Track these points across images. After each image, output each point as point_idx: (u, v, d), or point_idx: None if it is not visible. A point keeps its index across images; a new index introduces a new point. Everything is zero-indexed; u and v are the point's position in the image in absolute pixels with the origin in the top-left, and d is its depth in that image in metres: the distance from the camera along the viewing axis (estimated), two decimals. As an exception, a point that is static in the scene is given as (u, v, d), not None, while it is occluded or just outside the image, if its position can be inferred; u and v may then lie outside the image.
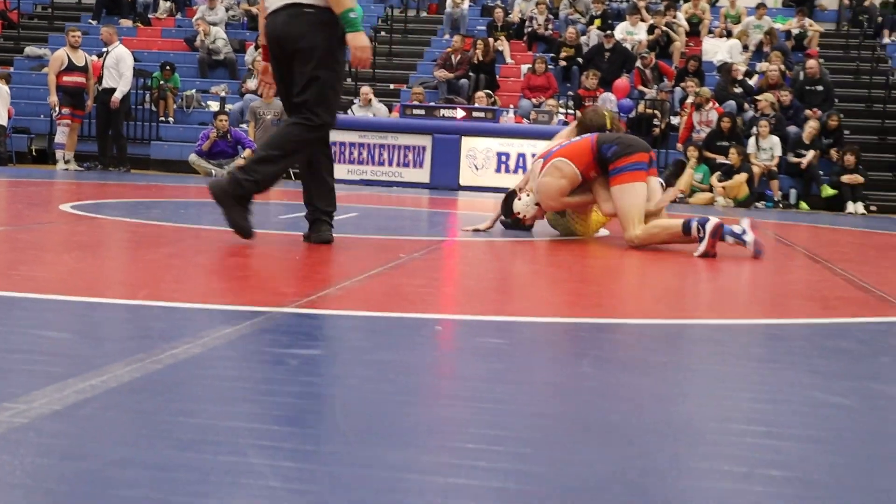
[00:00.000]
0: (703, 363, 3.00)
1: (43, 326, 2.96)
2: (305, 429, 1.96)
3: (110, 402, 2.08)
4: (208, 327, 2.99)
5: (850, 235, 9.86)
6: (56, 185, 11.58)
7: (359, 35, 5.30)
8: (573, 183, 6.44)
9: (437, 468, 1.76)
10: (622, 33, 19.65)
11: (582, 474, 1.77)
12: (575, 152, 6.47)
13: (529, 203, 6.75)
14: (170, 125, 18.37)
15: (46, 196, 9.46)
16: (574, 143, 6.58)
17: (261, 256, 5.16)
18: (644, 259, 5.93)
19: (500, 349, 3.00)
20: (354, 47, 5.31)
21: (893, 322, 3.90)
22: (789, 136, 16.22)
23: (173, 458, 1.73)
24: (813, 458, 1.94)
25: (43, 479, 1.61)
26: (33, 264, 4.39)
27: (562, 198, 6.54)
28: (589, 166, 6.40)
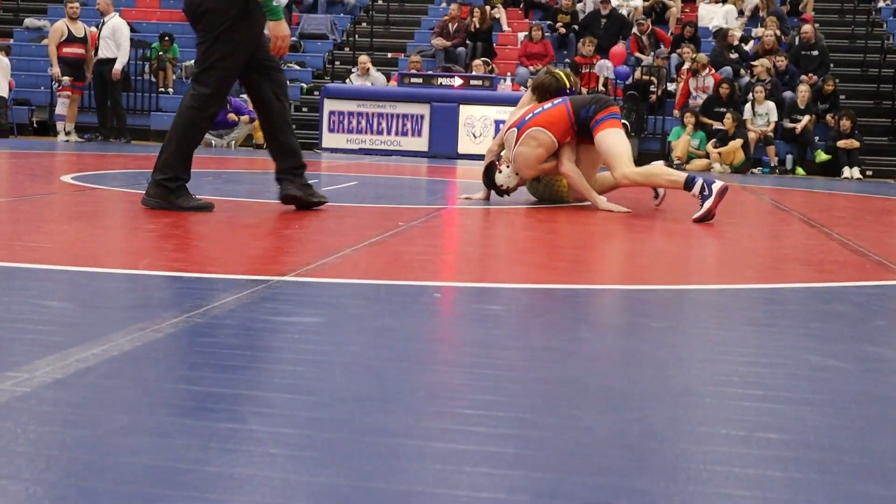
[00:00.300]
0: (701, 328, 3.00)
1: (45, 296, 2.96)
2: (305, 396, 1.96)
3: (112, 370, 2.08)
4: (209, 296, 2.99)
5: (846, 200, 9.86)
6: (57, 156, 11.56)
7: (280, 23, 5.29)
8: (549, 151, 6.48)
9: (436, 434, 1.76)
10: (618, 0, 19.57)
11: (580, 439, 1.77)
12: (551, 120, 6.47)
13: (510, 174, 6.70)
14: (169, 96, 18.31)
15: (48, 167, 9.45)
16: (548, 111, 6.54)
17: (261, 226, 5.16)
18: (641, 226, 5.92)
19: (499, 315, 3.00)
20: (275, 36, 5.28)
21: (889, 285, 3.90)
22: (785, 101, 16.18)
23: (174, 425, 1.73)
24: (809, 421, 1.94)
25: (45, 446, 1.61)
26: (35, 235, 4.39)
27: (539, 165, 6.57)
28: (566, 133, 6.47)
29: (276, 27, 5.25)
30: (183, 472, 1.52)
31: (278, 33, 5.26)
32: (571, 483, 1.55)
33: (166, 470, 1.52)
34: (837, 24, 20.06)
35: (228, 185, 8.27)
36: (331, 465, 1.58)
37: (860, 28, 19.52)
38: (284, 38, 5.30)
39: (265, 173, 10.07)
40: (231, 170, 10.33)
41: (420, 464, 1.61)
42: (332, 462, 1.59)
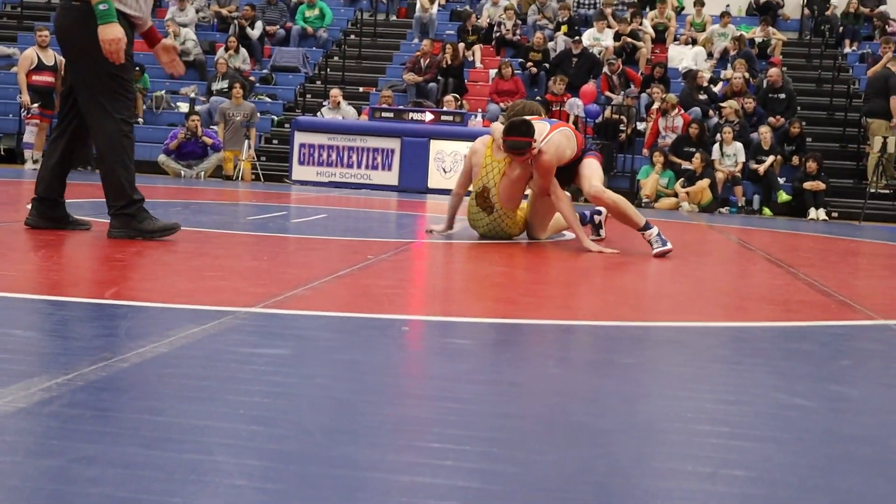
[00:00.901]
0: (668, 364, 3.01)
1: (9, 325, 2.94)
2: (272, 427, 1.95)
3: (76, 400, 2.06)
4: (175, 326, 2.97)
5: (811, 241, 9.93)
6: (24, 184, 11.49)
7: (107, 27, 5.06)
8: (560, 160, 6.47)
9: (403, 467, 1.76)
10: (589, 39, 19.72)
11: (547, 474, 1.77)
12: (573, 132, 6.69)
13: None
14: (139, 126, 18.25)
15: (14, 195, 9.39)
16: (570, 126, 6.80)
17: (229, 257, 5.14)
18: (608, 261, 5.95)
19: (466, 349, 3.00)
20: (102, 40, 5.05)
21: (854, 325, 3.93)
22: (752, 142, 16.34)
23: (138, 456, 1.72)
24: (776, 459, 1.95)
25: (8, 476, 1.60)
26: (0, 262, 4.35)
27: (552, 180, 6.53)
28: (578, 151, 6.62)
29: (102, 31, 5.04)
30: (147, 503, 1.50)
31: (104, 36, 5.03)
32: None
33: (130, 501, 1.51)
34: (804, 67, 20.32)
35: (197, 215, 8.24)
36: (297, 497, 1.57)
37: (826, 72, 19.75)
38: (111, 41, 5.04)
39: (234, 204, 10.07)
40: (199, 200, 10.30)
41: (387, 497, 1.60)
42: (299, 495, 1.58)
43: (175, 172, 16.16)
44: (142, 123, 18.26)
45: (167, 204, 9.34)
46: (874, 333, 3.76)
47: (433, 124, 15.88)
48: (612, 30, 20.13)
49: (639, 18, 20.49)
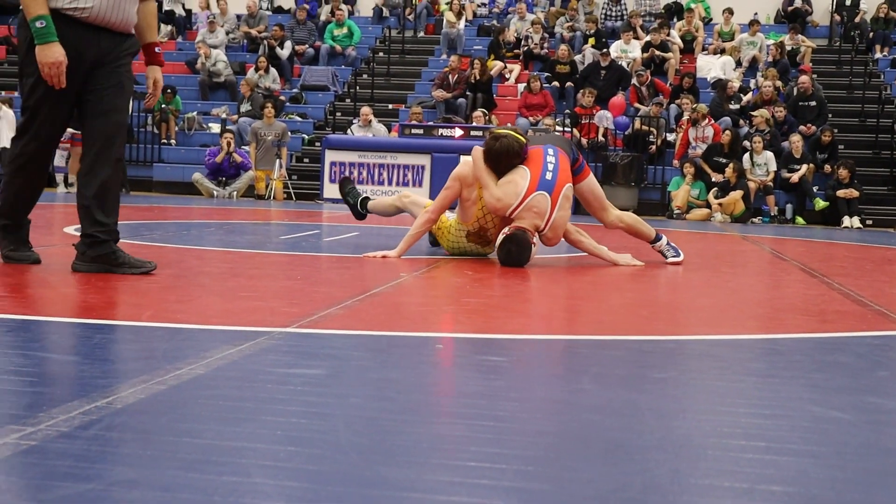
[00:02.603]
0: (703, 378, 3.00)
1: (49, 349, 2.97)
2: (309, 448, 1.96)
3: (115, 423, 2.08)
4: (212, 348, 2.99)
5: (846, 249, 9.87)
6: (57, 207, 11.58)
7: (43, 48, 4.46)
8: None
9: (439, 486, 1.76)
10: (617, 51, 19.70)
11: (584, 491, 1.77)
12: (568, 173, 6.16)
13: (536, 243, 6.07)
14: (172, 147, 18.41)
15: (49, 218, 9.47)
16: (560, 165, 6.08)
17: (263, 277, 5.17)
18: (642, 275, 5.93)
19: (500, 366, 3.00)
20: (40, 63, 4.48)
21: (891, 336, 3.90)
22: (783, 151, 16.25)
23: (178, 478, 1.73)
24: (813, 473, 1.94)
25: (50, 500, 1.61)
26: (38, 287, 4.39)
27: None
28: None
29: (38, 51, 4.48)
30: (187, 526, 1.52)
31: (40, 58, 4.47)
32: (575, 536, 1.55)
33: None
34: (835, 74, 20.19)
35: (230, 235, 8.29)
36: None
37: (857, 79, 19.62)
38: (47, 64, 4.47)
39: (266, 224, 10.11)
40: (233, 220, 10.35)
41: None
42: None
43: (208, 192, 16.27)
44: (174, 145, 18.39)
45: (201, 224, 9.40)
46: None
47: (463, 140, 15.86)
48: (639, 41, 20.11)
49: (666, 29, 20.44)
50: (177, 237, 7.68)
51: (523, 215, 5.84)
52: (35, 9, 4.47)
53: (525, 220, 5.88)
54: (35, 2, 4.48)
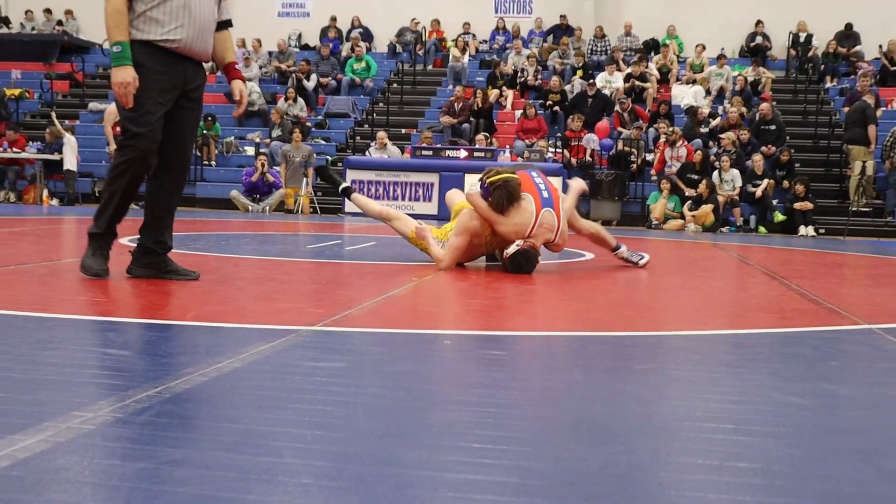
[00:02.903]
0: (679, 369, 3.00)
1: (106, 344, 2.97)
2: (333, 432, 1.96)
3: (164, 410, 2.08)
4: (247, 344, 2.99)
5: (802, 255, 9.85)
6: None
7: (118, 70, 4.41)
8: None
9: (449, 465, 1.76)
10: (602, 82, 19.72)
11: (575, 469, 1.77)
12: (555, 189, 6.19)
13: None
14: (212, 168, 18.43)
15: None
16: (549, 184, 6.11)
17: (292, 282, 5.17)
18: (620, 278, 5.93)
19: (501, 360, 3.00)
20: (112, 83, 4.45)
21: (841, 330, 3.90)
22: (747, 168, 16.26)
23: (219, 458, 1.73)
24: (774, 452, 1.94)
25: (108, 477, 1.62)
26: (98, 291, 4.40)
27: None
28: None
29: (113, 74, 4.45)
30: (226, 500, 1.52)
31: (113, 79, 4.44)
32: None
33: (213, 499, 1.52)
34: (791, 102, 20.20)
35: (263, 245, 8.29)
36: (356, 493, 1.58)
37: (811, 105, 19.65)
38: (119, 84, 4.41)
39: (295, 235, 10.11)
40: (265, 232, 10.36)
41: (435, 492, 1.60)
42: (358, 491, 1.59)
43: (244, 207, 16.30)
44: (214, 166, 18.42)
45: (238, 235, 9.41)
46: (860, 337, 3.73)
47: (467, 160, 15.90)
48: (621, 73, 20.13)
49: (645, 62, 20.48)
50: (217, 247, 7.68)
51: (537, 233, 5.83)
52: (115, 35, 4.43)
53: (539, 236, 5.86)
54: (116, 29, 4.44)
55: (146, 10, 4.50)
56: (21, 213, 13.20)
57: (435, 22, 23.71)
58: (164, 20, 4.52)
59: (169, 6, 4.52)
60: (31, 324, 3.30)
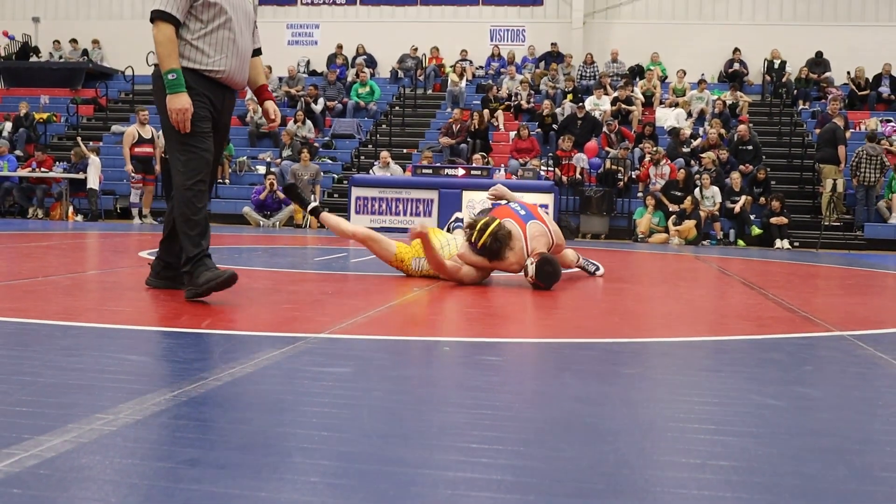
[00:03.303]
0: (663, 373, 2.99)
1: (126, 351, 2.97)
2: (338, 433, 1.96)
3: (180, 412, 2.08)
4: (259, 350, 2.99)
5: (778, 266, 9.85)
6: (134, 236, 11.60)
7: (173, 97, 4.33)
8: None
9: (447, 464, 1.76)
10: (591, 105, 19.75)
11: (566, 467, 1.77)
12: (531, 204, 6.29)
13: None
14: (226, 185, 18.44)
15: (127, 245, 9.49)
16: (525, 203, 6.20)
17: (300, 291, 5.17)
18: (607, 288, 5.93)
19: (497, 365, 3.00)
20: (168, 109, 4.35)
21: (814, 336, 3.90)
22: (726, 185, 16.28)
23: (232, 458, 1.73)
24: (752, 451, 1.94)
25: (128, 475, 1.61)
26: (118, 301, 4.40)
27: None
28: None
29: (169, 100, 4.35)
30: (239, 497, 1.52)
31: (170, 105, 4.34)
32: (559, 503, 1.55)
33: (226, 496, 1.52)
34: (767, 123, 20.24)
35: (274, 258, 8.29)
36: (361, 491, 1.58)
37: (785, 127, 19.68)
38: (176, 111, 4.34)
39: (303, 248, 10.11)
40: (276, 245, 10.37)
41: (435, 490, 1.60)
42: (362, 488, 1.59)
43: (255, 222, 16.30)
44: (228, 184, 18.44)
45: (250, 249, 9.41)
46: (831, 343, 3.73)
47: (465, 178, 15.90)
48: (609, 96, 20.17)
49: (631, 87, 20.54)
50: (230, 259, 7.68)
51: (535, 245, 5.81)
52: (169, 63, 4.33)
53: (538, 248, 5.82)
54: (169, 57, 4.34)
55: (192, 39, 4.44)
56: (48, 228, 13.20)
57: (434, 49, 23.77)
58: (209, 51, 4.46)
59: (215, 37, 4.46)
60: (58, 332, 3.30)
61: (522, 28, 24.15)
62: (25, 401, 2.15)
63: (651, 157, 16.95)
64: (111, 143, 20.11)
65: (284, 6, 25.01)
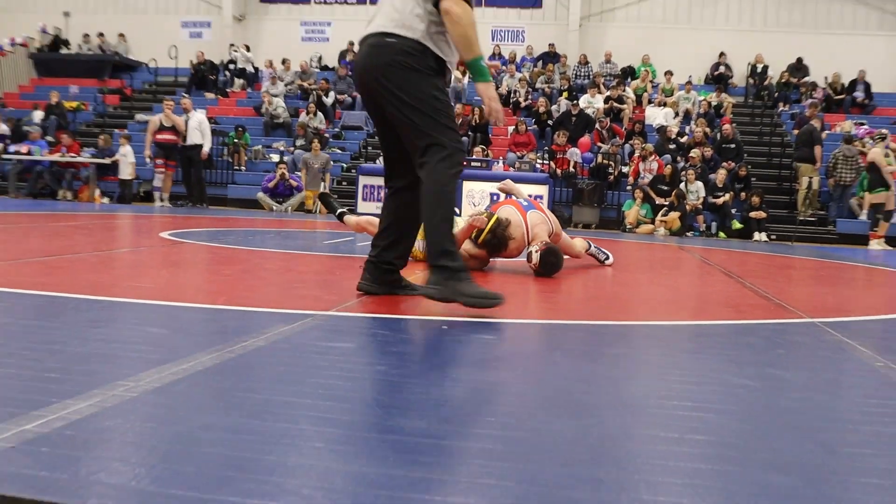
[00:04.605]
0: (646, 354, 3.00)
1: (147, 324, 2.98)
2: (343, 403, 1.97)
3: (196, 381, 2.09)
4: (270, 325, 3.00)
5: (756, 257, 9.85)
6: (156, 218, 11.60)
7: (489, 86, 3.68)
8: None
9: (443, 433, 1.77)
10: (585, 103, 19.70)
11: (554, 439, 1.78)
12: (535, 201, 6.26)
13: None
14: (242, 172, 18.42)
15: (149, 226, 9.49)
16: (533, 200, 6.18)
17: (310, 272, 5.18)
18: (595, 274, 5.93)
19: (490, 343, 3.01)
20: (489, 97, 3.69)
21: (787, 322, 3.90)
22: (710, 181, 16.26)
23: (244, 424, 1.74)
24: (727, 426, 1.95)
25: (148, 438, 1.62)
26: (140, 277, 4.41)
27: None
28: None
29: (486, 89, 3.69)
30: (250, 460, 1.53)
31: (490, 94, 3.69)
32: (546, 472, 1.56)
33: (238, 458, 1.53)
34: (749, 124, 20.19)
35: (285, 240, 8.29)
36: (362, 456, 1.59)
37: (766, 127, 19.65)
38: (496, 98, 3.71)
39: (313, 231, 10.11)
40: (287, 229, 10.37)
41: (431, 457, 1.61)
42: (363, 454, 1.60)
43: (269, 207, 16.29)
44: (244, 171, 18.42)
45: (264, 232, 9.41)
46: (802, 329, 3.74)
47: (466, 169, 15.90)
48: (601, 95, 20.11)
49: (622, 87, 20.47)
50: (245, 241, 7.68)
51: (536, 232, 5.81)
52: (477, 48, 3.61)
53: (539, 235, 5.81)
54: (477, 42, 3.60)
55: (443, 31, 3.68)
56: (76, 209, 13.21)
57: (439, 48, 23.66)
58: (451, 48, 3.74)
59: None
60: (84, 305, 3.31)
61: (522, 29, 24.07)
62: (54, 367, 2.16)
63: (640, 153, 16.92)
64: (136, 131, 20.03)
65: (299, 4, 24.91)
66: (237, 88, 22.80)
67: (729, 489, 1.52)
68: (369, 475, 1.49)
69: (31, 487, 1.35)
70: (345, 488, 1.42)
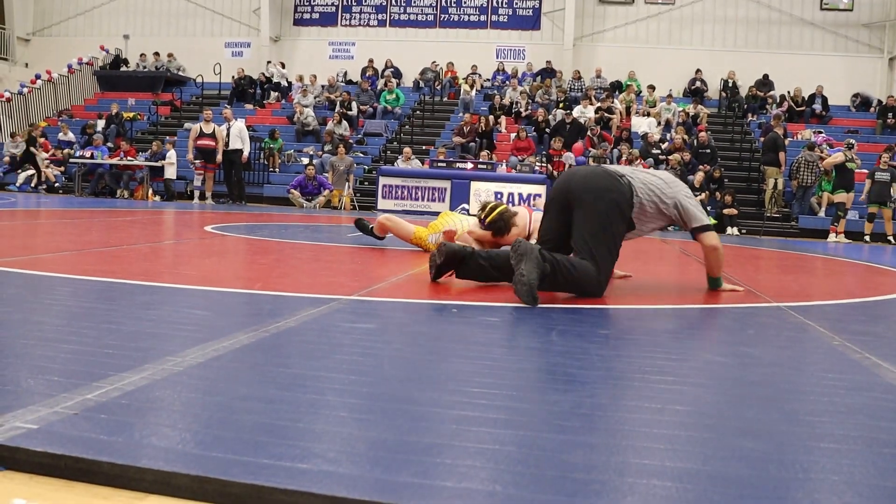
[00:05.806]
0: (632, 334, 2.99)
1: (193, 307, 2.98)
2: (364, 377, 1.96)
3: (235, 357, 2.08)
4: (300, 308, 2.99)
5: (728, 249, 9.81)
6: (199, 214, 11.61)
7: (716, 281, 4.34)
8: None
9: (452, 404, 1.76)
10: (578, 112, 19.65)
11: (551, 409, 1.77)
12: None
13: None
14: (276, 173, 18.45)
15: (195, 221, 9.50)
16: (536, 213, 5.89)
17: (335, 261, 5.17)
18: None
19: (495, 324, 3.00)
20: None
21: (756, 307, 3.88)
22: (689, 182, 16.21)
23: (276, 395, 1.74)
24: (703, 398, 1.93)
25: (192, 407, 1.62)
26: (187, 265, 4.41)
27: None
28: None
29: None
30: (282, 427, 1.52)
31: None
32: (544, 439, 1.54)
33: (270, 425, 1.52)
34: (722, 132, 20.13)
35: (314, 233, 8.29)
36: (381, 424, 1.58)
37: (737, 135, 19.59)
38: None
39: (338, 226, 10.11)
40: (315, 223, 10.37)
41: (441, 425, 1.60)
42: (382, 423, 1.59)
43: (299, 204, 16.30)
44: (278, 172, 18.44)
45: (294, 226, 9.41)
46: (770, 312, 3.71)
47: (473, 171, 15.89)
48: (593, 106, 20.05)
49: (611, 98, 20.42)
50: (278, 234, 7.68)
51: (535, 227, 5.70)
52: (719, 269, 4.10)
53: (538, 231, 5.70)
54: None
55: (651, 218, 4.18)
56: (132, 206, 13.25)
57: (450, 64, 23.63)
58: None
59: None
60: (138, 290, 3.31)
61: (523, 48, 24.00)
62: (111, 344, 2.16)
63: (627, 157, 16.89)
64: (183, 137, 20.11)
65: (327, 27, 24.91)
66: (272, 100, 22.80)
67: (706, 453, 1.50)
68: (387, 441, 1.48)
69: (91, 449, 1.35)
70: (366, 452, 1.42)
